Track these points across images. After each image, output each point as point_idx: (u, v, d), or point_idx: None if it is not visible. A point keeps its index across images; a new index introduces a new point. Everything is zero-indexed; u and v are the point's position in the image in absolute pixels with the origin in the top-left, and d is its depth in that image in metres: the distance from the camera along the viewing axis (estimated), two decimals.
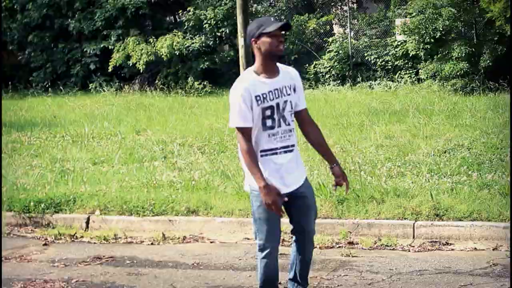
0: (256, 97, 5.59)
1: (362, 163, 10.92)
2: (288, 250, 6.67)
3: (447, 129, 13.43)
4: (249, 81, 5.64)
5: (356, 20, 26.02)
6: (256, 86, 5.61)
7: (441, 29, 20.20)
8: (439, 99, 18.05)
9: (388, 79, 22.91)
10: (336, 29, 27.42)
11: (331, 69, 23.97)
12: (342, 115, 16.06)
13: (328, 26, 26.64)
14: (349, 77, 23.51)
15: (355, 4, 28.09)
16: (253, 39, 5.65)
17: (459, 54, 19.80)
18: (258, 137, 5.66)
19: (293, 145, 5.75)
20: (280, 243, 6.08)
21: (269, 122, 5.64)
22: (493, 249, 7.91)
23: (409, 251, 8.01)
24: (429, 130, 13.39)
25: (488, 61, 19.85)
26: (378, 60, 23.45)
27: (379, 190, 9.31)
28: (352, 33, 25.15)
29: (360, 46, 24.28)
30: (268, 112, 5.63)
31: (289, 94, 5.71)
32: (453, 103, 17.08)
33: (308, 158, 11.31)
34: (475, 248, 7.99)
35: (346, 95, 20.81)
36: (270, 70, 5.67)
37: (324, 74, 24.15)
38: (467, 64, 19.83)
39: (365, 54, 23.83)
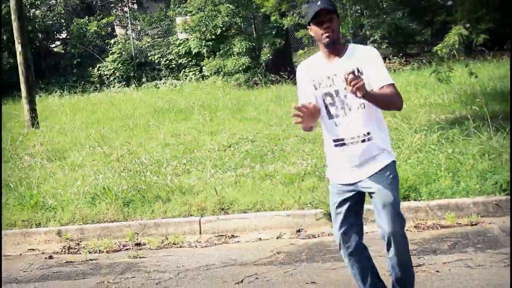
0: (313, 80, 5.16)
1: (148, 163, 10.88)
2: None
3: (232, 124, 13.63)
4: (310, 61, 5.27)
5: (137, 20, 25.96)
6: (313, 68, 5.20)
7: (221, 25, 20.56)
8: (224, 94, 18.25)
9: (173, 77, 23.00)
10: (118, 30, 27.25)
11: (115, 71, 23.75)
12: (128, 117, 15.90)
13: (109, 28, 26.42)
14: (134, 78, 23.40)
15: (135, 5, 28.04)
16: (308, 27, 5.19)
17: (240, 50, 20.23)
18: (326, 126, 5.19)
19: (362, 135, 5.07)
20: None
21: (333, 110, 5.12)
22: (277, 238, 8.11)
23: (197, 247, 8.07)
24: (214, 126, 13.56)
25: (268, 54, 20.37)
26: (162, 59, 23.51)
27: (164, 189, 9.34)
28: (134, 34, 25.08)
29: (143, 46, 24.25)
30: (329, 100, 5.14)
31: None
32: (237, 98, 17.34)
33: (92, 162, 11.18)
34: (260, 238, 8.15)
35: (131, 96, 20.61)
36: (330, 55, 5.14)
37: (108, 76, 23.91)
38: (249, 59, 20.27)
39: (149, 54, 23.82)
